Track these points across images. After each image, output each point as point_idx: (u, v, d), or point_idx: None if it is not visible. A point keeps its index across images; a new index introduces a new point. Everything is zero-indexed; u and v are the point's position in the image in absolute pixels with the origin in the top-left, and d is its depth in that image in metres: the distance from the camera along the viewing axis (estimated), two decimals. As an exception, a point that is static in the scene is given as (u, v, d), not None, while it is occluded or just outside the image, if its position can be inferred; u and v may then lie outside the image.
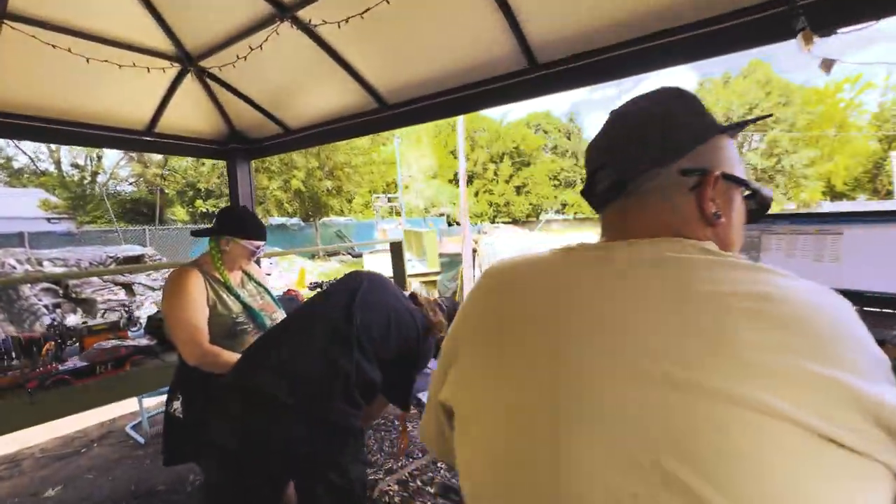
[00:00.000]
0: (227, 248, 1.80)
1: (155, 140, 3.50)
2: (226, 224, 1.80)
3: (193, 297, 1.66)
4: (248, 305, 1.78)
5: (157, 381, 2.08)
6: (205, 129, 3.76)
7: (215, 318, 1.68)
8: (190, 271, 1.71)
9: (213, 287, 1.75)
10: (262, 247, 1.87)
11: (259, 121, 3.65)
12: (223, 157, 3.99)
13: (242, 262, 1.86)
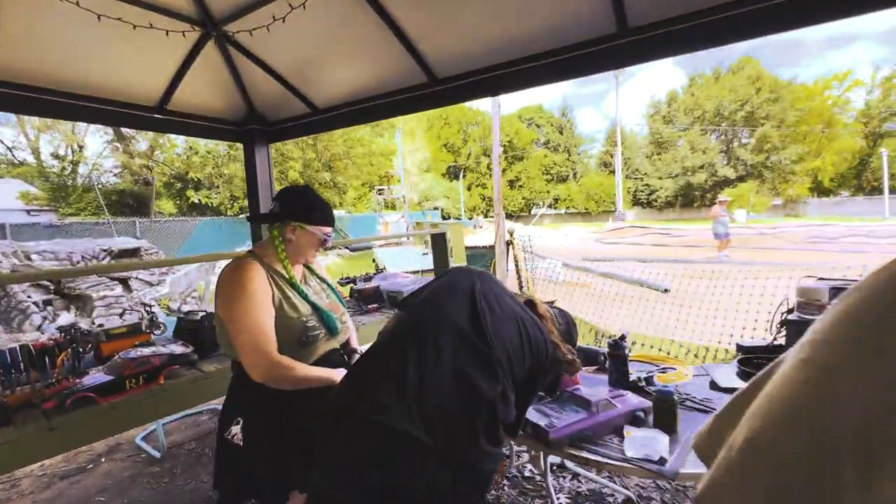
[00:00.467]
0: (293, 236, 1.48)
1: (166, 118, 3.12)
2: (292, 208, 1.48)
3: (259, 296, 1.32)
4: (317, 306, 1.48)
5: (196, 396, 1.76)
6: (221, 108, 3.38)
7: (282, 322, 1.37)
8: (252, 264, 1.37)
9: (278, 284, 1.42)
10: (332, 235, 1.55)
11: (282, 99, 3.29)
12: (240, 139, 3.62)
13: (310, 254, 1.54)
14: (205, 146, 14.90)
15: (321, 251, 1.57)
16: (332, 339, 1.50)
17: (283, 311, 1.38)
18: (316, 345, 1.44)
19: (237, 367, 1.40)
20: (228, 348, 1.39)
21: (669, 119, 45.64)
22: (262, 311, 1.32)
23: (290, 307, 1.40)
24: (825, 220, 27.37)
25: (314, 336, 1.42)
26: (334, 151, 14.99)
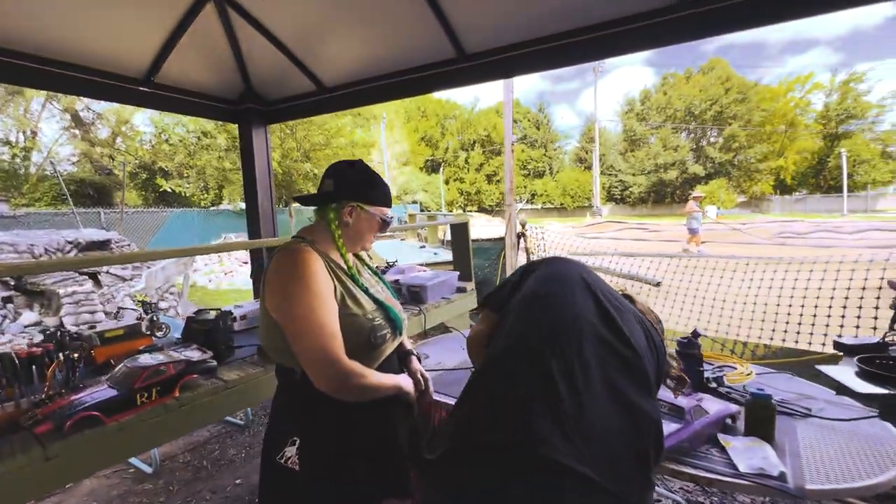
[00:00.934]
0: (351, 219, 1.24)
1: (153, 92, 2.77)
2: (350, 185, 1.24)
3: (322, 289, 1.09)
4: (380, 301, 1.24)
5: (217, 409, 1.49)
6: (215, 84, 3.05)
7: (346, 321, 1.13)
8: (310, 252, 1.12)
9: (337, 275, 1.18)
10: (392, 217, 1.33)
11: (283, 75, 2.99)
12: (235, 118, 3.29)
13: (368, 240, 1.31)
14: (177, 133, 14.03)
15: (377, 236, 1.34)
16: (395, 340, 1.28)
17: (346, 307, 1.15)
18: (384, 347, 1.22)
19: (290, 376, 1.16)
20: (281, 353, 1.15)
21: (643, 117, 46.66)
22: (328, 308, 1.09)
23: (353, 303, 1.17)
24: (789, 217, 28.62)
25: (382, 336, 1.20)
26: (314, 141, 14.40)
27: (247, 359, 1.76)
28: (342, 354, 1.07)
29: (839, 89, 41.59)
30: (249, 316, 2.19)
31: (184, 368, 1.42)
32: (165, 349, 1.60)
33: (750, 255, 9.89)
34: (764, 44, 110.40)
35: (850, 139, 40.12)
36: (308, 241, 1.20)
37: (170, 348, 1.60)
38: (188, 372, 1.43)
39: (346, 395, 1.08)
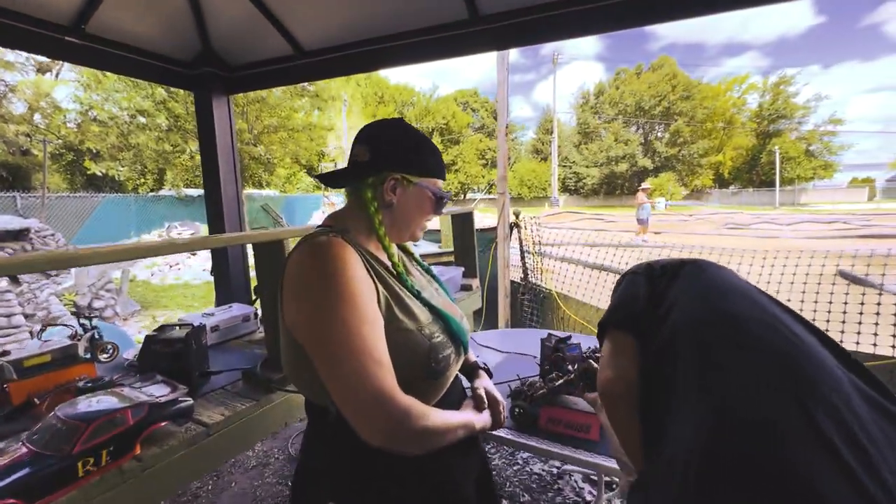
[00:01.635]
0: (395, 196, 0.89)
1: (83, 44, 2.20)
2: (392, 152, 0.88)
3: (362, 297, 0.76)
4: (438, 310, 0.89)
5: (199, 466, 1.09)
6: (165, 40, 2.50)
7: (395, 338, 0.79)
8: (343, 246, 0.79)
9: (379, 275, 0.84)
10: (449, 194, 0.97)
11: (252, 33, 2.50)
12: (190, 85, 2.75)
13: (417, 226, 0.95)
14: (107, 111, 12.47)
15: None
16: (459, 361, 0.95)
17: (394, 320, 0.81)
18: (447, 374, 0.88)
19: (322, 417, 0.81)
20: (308, 384, 0.82)
21: (596, 110, 48.03)
22: (372, 323, 0.76)
23: (403, 313, 0.83)
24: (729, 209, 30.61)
25: (445, 359, 0.86)
26: (267, 123, 13.34)
27: (228, 387, 1.35)
28: (395, 389, 0.73)
29: (771, 91, 44.83)
30: (223, 327, 1.76)
31: (147, 415, 1.01)
32: (115, 382, 1.17)
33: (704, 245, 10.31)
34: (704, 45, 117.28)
35: (780, 137, 43.47)
36: (338, 231, 0.85)
37: (121, 378, 1.17)
38: (154, 420, 1.02)
39: (401, 446, 0.74)
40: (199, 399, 1.25)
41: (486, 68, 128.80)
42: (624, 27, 2.01)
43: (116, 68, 2.51)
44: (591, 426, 1.38)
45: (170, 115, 12.36)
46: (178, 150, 12.25)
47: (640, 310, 0.82)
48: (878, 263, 8.01)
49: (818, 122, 43.53)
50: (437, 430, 0.77)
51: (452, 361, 0.89)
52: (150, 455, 1.00)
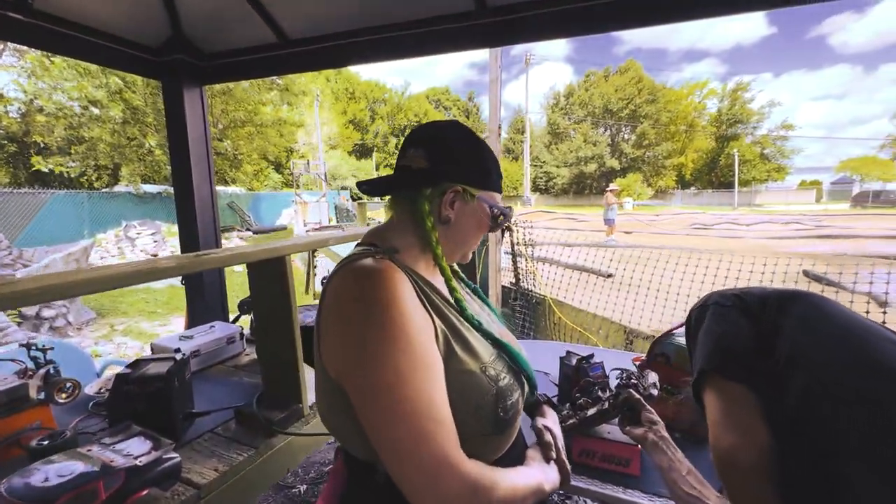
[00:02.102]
0: (454, 212, 0.75)
1: (32, 23, 1.90)
2: (456, 160, 0.74)
3: (419, 337, 0.62)
4: (499, 342, 0.75)
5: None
6: (128, 22, 2.21)
7: (456, 383, 0.65)
8: (394, 271, 0.65)
9: (436, 305, 0.70)
10: (510, 210, 0.82)
11: (229, 17, 2.25)
12: (157, 73, 2.46)
13: (471, 246, 0.82)
14: (56, 101, 11.48)
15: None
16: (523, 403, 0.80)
17: (454, 360, 0.67)
18: (516, 423, 0.75)
19: (368, 477, 0.67)
20: (351, 436, 0.67)
21: (566, 111, 48.91)
22: (430, 370, 0.62)
23: (464, 350, 0.69)
24: (689, 209, 31.83)
25: (513, 406, 0.71)
26: (234, 116, 12.70)
27: (219, 430, 1.15)
28: (459, 455, 0.59)
29: (729, 96, 46.98)
30: (205, 351, 1.53)
31: (124, 484, 0.80)
32: (78, 435, 0.95)
33: (680, 246, 10.59)
34: (666, 50, 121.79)
35: (737, 141, 45.64)
36: (385, 251, 0.71)
37: (85, 424, 0.96)
38: (133, 489, 0.82)
39: None
40: (184, 448, 1.05)
41: (457, 66, 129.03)
42: (629, 27, 1.93)
43: (71, 52, 2.19)
44: (630, 459, 1.26)
45: (127, 106, 11.56)
46: (136, 145, 11.47)
47: (749, 355, 0.69)
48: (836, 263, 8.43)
49: (771, 128, 46.04)
50: (506, 500, 0.63)
51: (520, 405, 0.75)
52: (128, 535, 0.79)
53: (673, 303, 3.67)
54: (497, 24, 1.98)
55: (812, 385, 0.60)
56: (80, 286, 0.76)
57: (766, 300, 0.76)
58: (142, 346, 4.86)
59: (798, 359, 0.63)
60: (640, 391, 1.21)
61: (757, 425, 0.63)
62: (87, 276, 0.78)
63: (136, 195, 12.67)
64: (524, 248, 3.76)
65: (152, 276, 0.84)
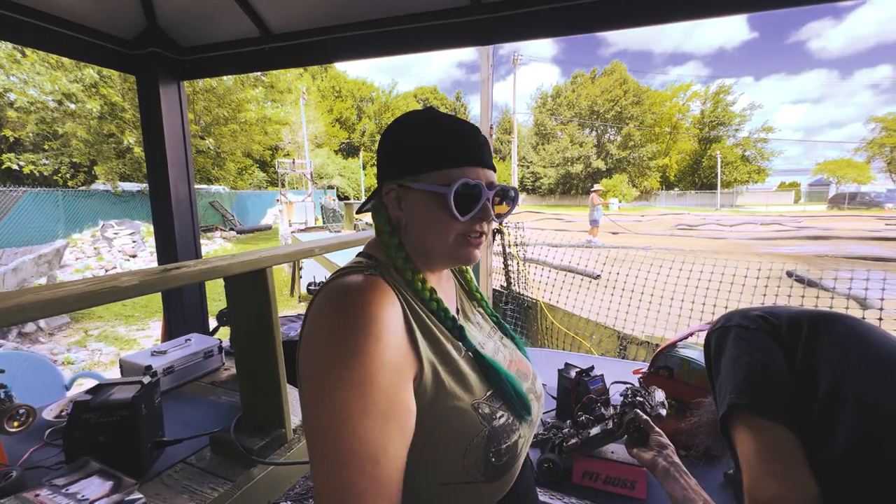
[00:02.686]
0: (402, 212, 0.67)
1: (0, 13, 1.76)
2: (389, 154, 0.68)
3: (383, 375, 0.53)
4: (495, 368, 0.65)
5: None
6: (98, 13, 2.07)
7: (444, 420, 0.59)
8: (378, 291, 0.58)
9: (429, 332, 0.62)
10: (488, 185, 0.66)
11: (207, 9, 2.13)
12: (131, 67, 2.32)
13: (445, 243, 0.66)
14: (29, 95, 11.00)
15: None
16: (529, 440, 0.70)
17: (443, 395, 0.59)
18: (514, 468, 0.64)
19: None
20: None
21: (553, 112, 49.23)
22: (388, 423, 0.54)
23: (457, 382, 0.61)
24: (673, 210, 32.30)
25: (511, 450, 0.62)
26: (217, 113, 12.38)
27: (192, 460, 1.04)
28: None
29: (712, 99, 47.84)
30: (179, 367, 1.41)
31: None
32: (25, 477, 0.84)
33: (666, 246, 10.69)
34: (651, 53, 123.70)
35: (719, 143, 46.51)
36: (377, 267, 0.65)
37: (37, 457, 0.85)
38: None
39: None
40: (152, 483, 0.94)
41: (445, 65, 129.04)
42: (623, 27, 1.87)
43: (38, 44, 2.04)
44: (636, 482, 1.19)
45: (104, 101, 11.17)
46: (114, 142, 11.08)
47: (785, 389, 0.62)
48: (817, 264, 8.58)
49: (752, 130, 46.99)
50: None
51: (521, 448, 0.65)
52: None
53: (666, 307, 3.65)
54: (491, 22, 1.91)
55: (862, 431, 0.53)
56: (22, 311, 0.66)
57: (797, 323, 0.69)
58: (117, 351, 4.66)
59: (843, 398, 0.56)
60: (647, 410, 1.14)
61: (803, 474, 0.56)
62: (33, 298, 0.67)
63: (115, 194, 12.27)
64: (514, 250, 3.69)
65: (112, 296, 0.74)
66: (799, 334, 0.67)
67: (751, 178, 46.29)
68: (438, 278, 0.74)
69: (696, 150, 48.91)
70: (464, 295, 0.81)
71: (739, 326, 0.75)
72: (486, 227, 0.67)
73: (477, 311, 0.80)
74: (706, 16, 1.73)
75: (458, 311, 0.77)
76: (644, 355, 3.29)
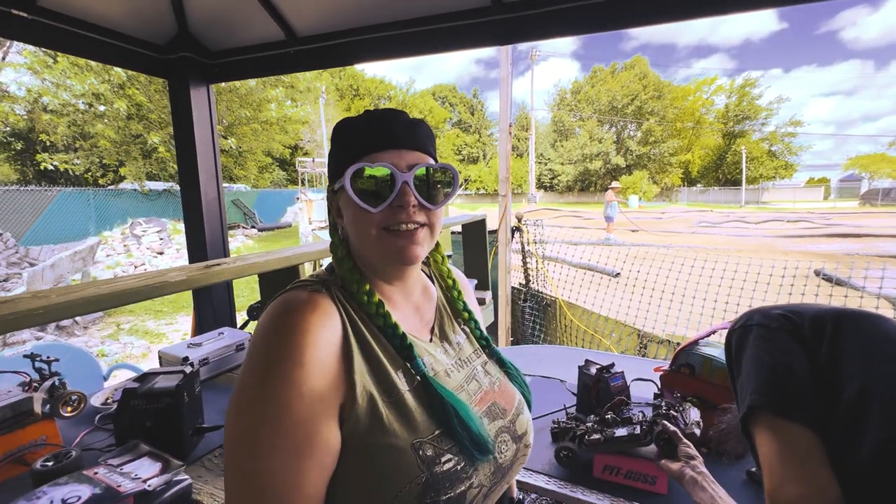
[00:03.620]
0: (344, 218, 0.64)
1: (37, 21, 1.86)
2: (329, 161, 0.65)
3: (302, 416, 0.50)
4: (454, 408, 0.57)
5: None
6: (133, 19, 2.17)
7: (377, 456, 0.53)
8: (311, 310, 0.54)
9: (374, 357, 0.58)
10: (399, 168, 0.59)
11: (235, 14, 2.21)
12: (164, 71, 2.42)
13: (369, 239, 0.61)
14: (61, 98, 11.48)
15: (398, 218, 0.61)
16: (495, 492, 0.63)
17: (377, 430, 0.54)
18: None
19: None
20: None
21: (572, 108, 48.61)
22: (302, 461, 0.50)
23: (397, 418, 0.55)
24: (695, 207, 31.62)
25: (455, 501, 0.55)
26: (239, 113, 12.67)
27: (229, 446, 1.10)
28: None
29: (737, 92, 46.49)
30: (213, 360, 1.49)
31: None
32: (82, 457, 0.91)
33: (687, 244, 10.48)
34: (675, 46, 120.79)
35: (745, 138, 45.19)
36: (329, 280, 0.62)
37: (90, 440, 0.91)
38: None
39: None
40: (193, 466, 1.00)
41: (463, 62, 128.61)
42: (649, 23, 1.87)
43: (76, 50, 2.15)
44: (657, 477, 1.20)
45: (130, 102, 11.55)
46: (140, 142, 11.45)
47: (809, 390, 0.63)
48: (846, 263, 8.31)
49: (779, 124, 45.53)
50: None
51: (473, 500, 0.57)
52: (135, 566, 0.75)
53: (688, 305, 3.60)
54: (512, 21, 1.93)
55: (891, 431, 0.54)
56: (82, 305, 0.72)
57: (820, 321, 0.69)
58: (148, 344, 4.85)
59: (870, 398, 0.57)
60: (681, 427, 1.14)
61: (825, 476, 0.57)
62: (92, 293, 0.73)
63: (142, 192, 12.68)
64: (534, 248, 3.69)
65: (162, 290, 0.79)
66: (822, 333, 0.67)
67: (777, 173, 44.86)
68: (404, 291, 0.68)
69: (719, 145, 47.65)
70: (449, 313, 0.74)
71: (760, 326, 0.75)
72: (411, 214, 0.59)
73: (461, 332, 0.74)
74: (730, 12, 1.72)
75: (434, 329, 0.71)
76: (665, 354, 3.26)
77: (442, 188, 0.63)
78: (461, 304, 0.76)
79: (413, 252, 0.60)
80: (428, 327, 0.70)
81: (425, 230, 0.62)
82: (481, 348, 0.75)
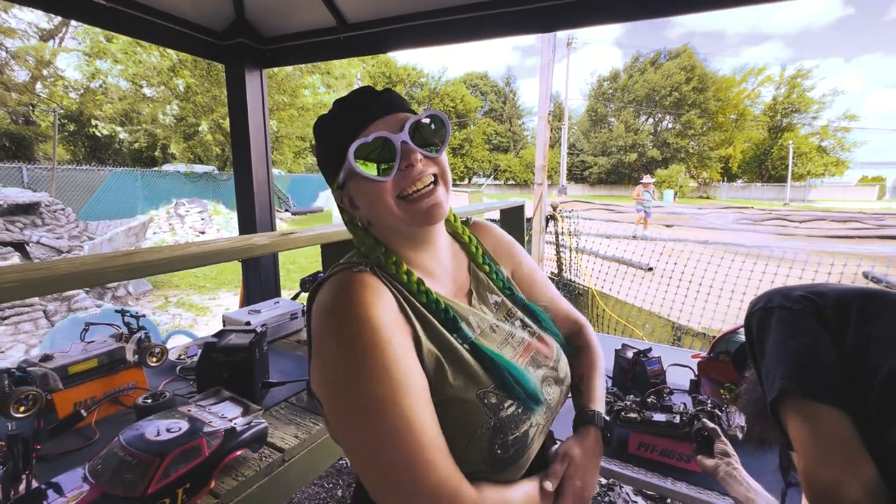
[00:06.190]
0: (356, 205, 0.66)
1: (115, 9, 2.01)
2: (321, 164, 0.70)
3: (397, 357, 0.55)
4: (503, 363, 0.62)
5: (276, 498, 0.96)
6: (194, 8, 2.29)
7: (446, 411, 0.58)
8: (366, 284, 0.58)
9: (428, 322, 0.62)
10: (391, 135, 0.61)
11: (289, 2, 2.30)
12: (221, 56, 2.55)
13: (386, 217, 0.64)
14: (112, 82, 12.11)
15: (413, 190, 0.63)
16: (545, 431, 0.69)
17: (443, 384, 0.59)
18: (523, 459, 0.62)
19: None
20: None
21: (609, 98, 47.20)
22: (416, 393, 0.55)
23: (459, 373, 0.60)
24: (737, 203, 30.33)
25: (520, 441, 0.61)
26: (277, 99, 13.01)
27: (293, 400, 1.21)
28: (459, 480, 0.55)
29: (787, 83, 43.92)
30: (271, 326, 1.61)
31: (223, 443, 0.87)
32: (174, 398, 1.03)
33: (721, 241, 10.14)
34: (724, 33, 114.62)
35: (792, 132, 42.76)
36: (369, 262, 0.64)
37: (173, 386, 1.03)
38: (230, 448, 0.88)
39: None
40: (265, 415, 1.11)
41: (499, 50, 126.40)
42: (698, 10, 1.84)
43: (143, 35, 2.30)
44: (692, 456, 1.25)
45: (184, 84, 12.00)
46: (184, 125, 11.96)
47: (837, 372, 0.64)
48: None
49: (832, 118, 42.77)
50: None
51: (533, 437, 0.63)
52: (225, 489, 0.86)
53: (726, 300, 3.53)
54: (555, 9, 1.94)
55: None
56: (188, 260, 0.82)
57: (845, 303, 0.69)
58: (194, 316, 5.15)
59: None
60: (724, 427, 1.16)
61: (861, 458, 0.58)
62: (194, 251, 0.83)
63: (185, 175, 13.26)
64: (569, 238, 3.70)
65: (248, 252, 0.89)
66: (847, 316, 0.67)
67: (827, 170, 42.30)
68: (435, 258, 0.70)
69: (764, 139, 45.27)
70: (477, 270, 0.76)
71: (782, 308, 0.73)
72: (420, 171, 0.61)
73: (494, 296, 0.75)
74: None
75: (471, 293, 0.73)
76: (700, 346, 3.23)
77: (436, 135, 0.65)
78: (481, 258, 0.77)
79: (437, 210, 0.62)
80: (464, 291, 0.73)
81: (440, 185, 0.64)
82: (508, 298, 0.76)
